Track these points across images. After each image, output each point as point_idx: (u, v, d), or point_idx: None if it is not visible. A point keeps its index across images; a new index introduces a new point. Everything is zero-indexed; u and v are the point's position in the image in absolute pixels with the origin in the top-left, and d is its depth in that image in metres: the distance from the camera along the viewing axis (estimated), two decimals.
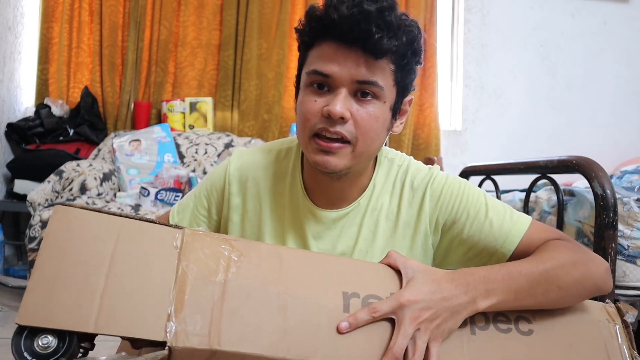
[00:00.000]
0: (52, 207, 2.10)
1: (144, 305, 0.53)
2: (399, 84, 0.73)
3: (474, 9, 3.41)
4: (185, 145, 2.79)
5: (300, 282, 0.60)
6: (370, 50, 0.67)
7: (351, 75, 0.68)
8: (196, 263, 0.57)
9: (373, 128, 0.71)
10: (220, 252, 0.59)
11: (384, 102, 0.71)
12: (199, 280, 0.56)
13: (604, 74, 3.51)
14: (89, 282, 0.54)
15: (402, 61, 0.71)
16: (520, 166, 1.63)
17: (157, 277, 0.55)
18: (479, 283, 0.62)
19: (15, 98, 2.98)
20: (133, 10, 3.03)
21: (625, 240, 1.25)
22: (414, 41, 0.72)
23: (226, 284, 0.57)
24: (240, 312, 0.55)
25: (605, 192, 1.21)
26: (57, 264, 0.55)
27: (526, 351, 0.64)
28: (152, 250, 0.57)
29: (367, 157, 0.74)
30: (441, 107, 3.31)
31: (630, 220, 1.25)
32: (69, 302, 0.53)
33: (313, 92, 0.71)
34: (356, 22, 0.65)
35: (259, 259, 0.60)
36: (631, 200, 1.26)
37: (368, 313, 0.57)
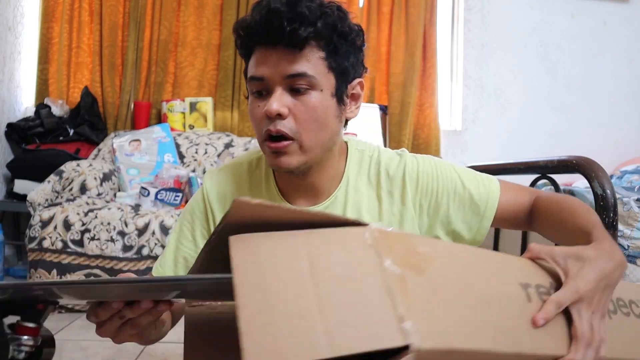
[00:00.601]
0: (51, 207, 2.10)
1: (366, 314, 0.48)
2: (335, 69, 0.74)
3: (474, 9, 3.41)
4: (185, 145, 2.79)
5: (480, 273, 0.59)
6: (291, 44, 0.69)
7: (280, 73, 0.70)
8: (397, 260, 0.52)
9: (313, 119, 0.72)
10: (412, 248, 0.55)
11: (320, 91, 0.72)
12: (410, 278, 0.52)
13: (604, 74, 3.51)
14: (301, 307, 0.48)
15: (329, 46, 0.72)
16: (520, 166, 1.62)
17: (366, 281, 0.51)
18: (607, 244, 0.65)
19: (15, 98, 2.98)
20: (133, 10, 3.03)
21: (625, 240, 1.25)
22: (336, 24, 0.72)
23: (433, 280, 0.53)
24: (454, 308, 0.53)
25: (605, 192, 1.21)
26: (260, 298, 0.49)
27: None
28: (347, 255, 0.52)
29: (319, 148, 0.75)
30: (441, 107, 3.31)
31: (630, 220, 1.25)
32: (291, 335, 0.47)
33: (256, 99, 0.74)
34: (269, 22, 0.68)
35: (445, 253, 0.58)
36: (631, 200, 1.26)
37: (555, 306, 0.57)
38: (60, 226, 2.02)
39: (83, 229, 2.02)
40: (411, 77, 3.21)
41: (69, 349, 1.62)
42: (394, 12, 3.24)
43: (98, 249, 2.01)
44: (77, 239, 2.02)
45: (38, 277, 1.99)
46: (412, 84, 3.20)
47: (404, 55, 3.22)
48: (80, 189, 2.28)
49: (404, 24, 3.24)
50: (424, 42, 3.26)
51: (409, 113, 3.19)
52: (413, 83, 3.20)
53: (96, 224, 2.03)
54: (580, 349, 0.56)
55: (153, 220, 2.04)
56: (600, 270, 0.60)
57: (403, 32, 3.23)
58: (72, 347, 1.64)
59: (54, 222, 2.03)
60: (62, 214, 2.05)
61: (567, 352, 0.56)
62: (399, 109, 3.20)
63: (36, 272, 1.99)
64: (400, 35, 3.23)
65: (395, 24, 3.23)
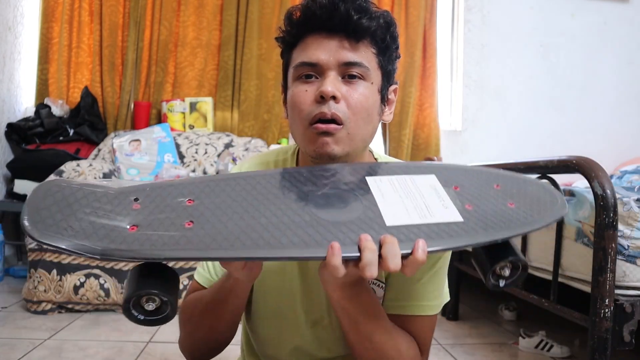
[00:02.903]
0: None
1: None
2: (383, 68, 0.75)
3: (474, 9, 3.41)
4: (185, 145, 2.79)
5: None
6: (351, 32, 0.70)
7: (336, 59, 0.70)
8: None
9: (364, 107, 0.72)
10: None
11: (371, 83, 0.73)
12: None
13: (604, 74, 3.51)
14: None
15: (382, 44, 0.74)
16: (520, 166, 1.62)
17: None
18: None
19: (15, 98, 2.98)
20: (133, 10, 3.03)
21: (625, 240, 1.25)
22: (391, 25, 0.75)
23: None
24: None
25: (605, 192, 1.21)
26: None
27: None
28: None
29: (361, 140, 0.74)
30: (441, 107, 3.31)
31: (630, 220, 1.25)
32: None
33: (303, 83, 0.72)
34: (335, 7, 0.69)
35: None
36: (631, 200, 1.26)
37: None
38: None
39: None
40: (411, 77, 3.21)
41: (69, 349, 1.62)
42: (394, 12, 3.23)
43: None
44: None
45: (38, 277, 1.99)
46: (412, 84, 3.20)
47: (404, 55, 3.22)
48: None
49: (404, 24, 3.24)
50: (424, 42, 3.26)
51: (409, 113, 3.19)
52: (413, 83, 3.20)
53: None
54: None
55: None
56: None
57: (403, 32, 3.23)
58: (72, 347, 1.64)
59: None
60: None
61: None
62: (399, 109, 3.19)
63: (36, 272, 1.99)
64: (400, 35, 3.21)
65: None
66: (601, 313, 1.21)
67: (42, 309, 2.02)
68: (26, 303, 2.04)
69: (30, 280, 2.01)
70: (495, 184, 0.71)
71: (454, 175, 0.70)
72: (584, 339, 1.31)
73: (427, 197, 0.66)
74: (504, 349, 1.80)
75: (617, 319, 1.22)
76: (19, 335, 1.75)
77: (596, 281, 1.22)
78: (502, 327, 2.09)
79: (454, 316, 2.13)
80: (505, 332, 2.01)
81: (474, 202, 0.66)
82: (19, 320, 1.93)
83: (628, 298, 1.24)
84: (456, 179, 0.70)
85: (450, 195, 0.67)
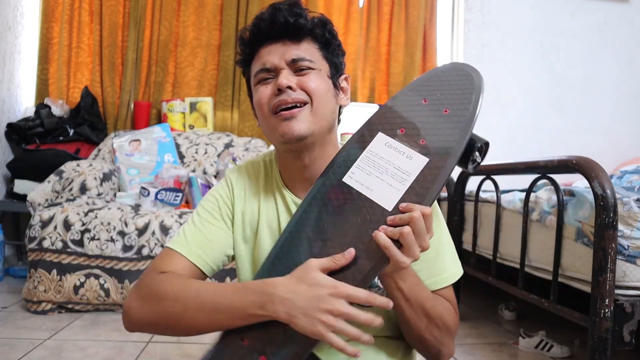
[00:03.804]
0: (51, 207, 2.10)
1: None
2: (328, 59, 0.86)
3: (474, 9, 3.41)
4: (185, 145, 2.79)
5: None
6: (292, 34, 0.82)
7: (285, 59, 0.81)
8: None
9: (319, 89, 0.81)
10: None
11: (319, 70, 0.83)
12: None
13: (604, 74, 3.51)
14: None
15: (322, 39, 0.85)
16: (520, 166, 1.63)
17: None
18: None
19: (15, 98, 2.98)
20: (133, 10, 3.03)
21: (625, 240, 1.25)
22: (327, 23, 0.85)
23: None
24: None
25: (605, 192, 1.21)
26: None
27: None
28: None
29: (323, 119, 0.82)
30: None
31: (630, 220, 1.25)
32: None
33: (263, 85, 0.83)
34: (275, 17, 0.81)
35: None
36: (631, 200, 1.26)
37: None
38: (60, 226, 2.02)
39: (83, 229, 2.02)
40: (411, 77, 3.20)
41: (69, 349, 1.62)
42: (394, 12, 3.24)
43: (98, 249, 2.01)
44: (77, 239, 2.02)
45: (38, 277, 1.99)
46: None
47: (404, 55, 3.22)
48: (80, 189, 2.28)
49: (404, 24, 3.24)
50: (424, 42, 3.26)
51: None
52: None
53: (96, 224, 2.03)
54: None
55: (153, 220, 2.04)
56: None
57: (403, 32, 3.23)
58: (72, 347, 1.64)
59: (54, 222, 2.03)
60: (62, 214, 2.04)
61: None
62: None
63: (36, 272, 1.99)
64: (400, 35, 3.23)
65: (395, 24, 3.23)
66: (601, 313, 1.21)
67: (42, 309, 2.02)
68: (26, 303, 2.04)
69: (30, 280, 2.01)
70: (422, 99, 0.77)
71: (391, 119, 0.77)
72: (584, 339, 1.31)
73: (393, 160, 0.73)
74: (504, 349, 1.80)
75: (617, 319, 1.22)
76: (19, 335, 1.75)
77: (596, 281, 1.22)
78: (502, 327, 2.09)
79: None
80: (505, 332, 2.01)
81: (422, 135, 0.74)
82: (19, 320, 1.93)
83: (628, 298, 1.24)
84: (394, 121, 0.77)
85: (404, 142, 0.74)
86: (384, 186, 0.71)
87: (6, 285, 2.49)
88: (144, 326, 0.78)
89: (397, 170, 0.72)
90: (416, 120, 0.75)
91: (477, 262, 2.02)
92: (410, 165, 0.71)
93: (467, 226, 2.13)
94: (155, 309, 0.75)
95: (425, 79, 0.79)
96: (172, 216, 2.07)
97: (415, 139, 0.73)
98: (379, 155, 0.74)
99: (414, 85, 0.79)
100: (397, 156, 0.73)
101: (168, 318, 0.74)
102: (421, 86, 0.78)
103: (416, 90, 0.78)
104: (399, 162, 0.72)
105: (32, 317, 1.97)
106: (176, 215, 2.07)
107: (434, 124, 0.74)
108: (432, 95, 0.76)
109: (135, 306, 0.77)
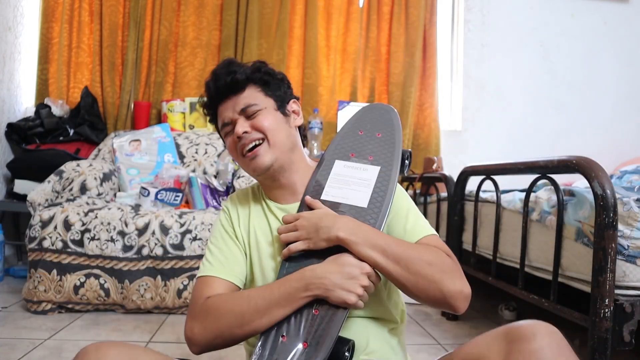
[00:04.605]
0: (51, 207, 2.10)
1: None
2: (272, 95, 1.01)
3: (474, 9, 3.41)
4: (185, 145, 2.79)
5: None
6: (235, 89, 0.99)
7: (236, 110, 0.98)
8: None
9: (270, 123, 0.97)
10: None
11: (266, 108, 0.99)
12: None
13: (604, 74, 3.51)
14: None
15: (260, 81, 1.00)
16: (520, 166, 1.63)
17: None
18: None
19: (15, 98, 2.98)
20: (133, 10, 3.03)
21: (625, 240, 1.25)
22: (260, 67, 1.02)
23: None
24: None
25: (605, 192, 1.21)
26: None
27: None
28: None
29: (282, 145, 0.98)
30: (441, 107, 3.31)
31: (630, 220, 1.25)
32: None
33: (228, 137, 1.01)
34: (218, 82, 1.01)
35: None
36: (631, 200, 1.26)
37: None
38: (60, 226, 2.02)
39: (83, 229, 2.02)
40: (411, 77, 3.21)
41: (69, 349, 1.63)
42: (394, 12, 3.24)
43: (98, 249, 2.01)
44: (77, 239, 2.02)
45: (38, 277, 1.99)
46: (412, 84, 3.20)
47: (404, 55, 3.22)
48: (80, 189, 2.28)
49: (404, 24, 3.24)
50: (424, 42, 3.26)
51: (409, 113, 3.19)
52: (413, 83, 3.20)
53: (96, 224, 2.03)
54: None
55: (153, 220, 2.04)
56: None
57: (403, 32, 3.23)
58: (72, 347, 1.64)
59: (54, 222, 2.03)
60: (62, 214, 2.05)
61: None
62: (399, 109, 3.20)
63: (36, 272, 1.99)
64: (400, 35, 3.23)
65: (395, 24, 3.23)
66: (601, 313, 1.21)
67: (42, 309, 2.02)
68: (26, 303, 2.04)
69: (30, 280, 2.01)
70: (359, 131, 1.02)
71: (341, 149, 1.00)
72: (584, 339, 1.31)
73: (354, 175, 0.96)
74: None
75: (617, 319, 1.22)
76: (19, 335, 1.75)
77: (596, 281, 1.22)
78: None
79: (454, 316, 2.13)
80: None
81: (368, 153, 0.98)
82: (19, 320, 1.93)
83: (628, 298, 1.24)
84: (344, 150, 1.00)
85: (359, 162, 0.97)
86: (355, 193, 0.94)
87: (6, 285, 2.49)
88: (210, 344, 0.88)
89: (360, 180, 0.95)
90: (360, 145, 0.99)
91: (477, 262, 2.02)
92: (368, 174, 0.95)
93: (467, 226, 2.13)
94: (217, 326, 0.86)
95: (355, 118, 1.04)
96: (172, 216, 2.07)
97: (365, 157, 0.97)
98: (342, 175, 0.97)
99: (346, 126, 1.04)
100: (356, 171, 0.96)
101: (230, 328, 0.85)
102: (353, 124, 1.03)
103: (351, 127, 1.03)
104: (359, 174, 0.95)
105: (32, 317, 1.97)
106: (176, 215, 2.07)
107: (373, 145, 0.99)
108: (364, 126, 1.02)
109: (198, 330, 0.88)
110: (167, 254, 2.01)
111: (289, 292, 0.83)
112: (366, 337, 0.91)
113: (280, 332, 0.83)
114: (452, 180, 2.22)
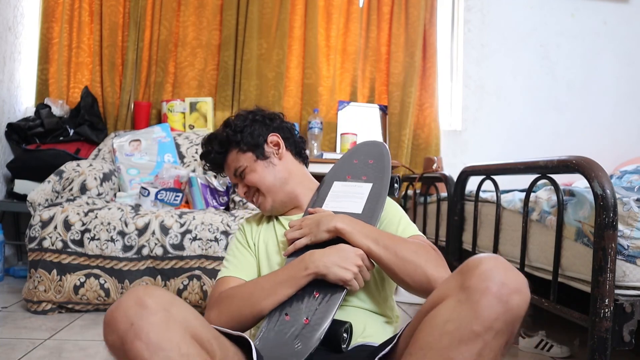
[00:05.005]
0: (51, 207, 2.10)
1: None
2: (247, 149, 1.15)
3: (474, 9, 3.41)
4: (186, 145, 2.79)
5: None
6: (221, 161, 1.20)
7: (230, 176, 1.20)
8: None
9: (256, 176, 1.15)
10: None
11: (248, 165, 1.15)
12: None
13: (604, 74, 3.51)
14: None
15: (233, 144, 1.16)
16: (520, 166, 1.62)
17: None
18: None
19: (15, 98, 2.98)
20: (133, 10, 3.03)
21: (625, 240, 1.25)
22: (226, 133, 1.16)
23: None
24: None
25: (605, 192, 1.21)
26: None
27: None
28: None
29: (273, 187, 1.15)
30: (441, 107, 3.31)
31: (630, 220, 1.25)
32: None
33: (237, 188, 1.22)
34: (207, 161, 1.21)
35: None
36: (631, 200, 1.26)
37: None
38: (60, 226, 2.02)
39: (83, 229, 2.02)
40: (411, 77, 3.21)
41: (69, 349, 1.62)
42: (394, 12, 3.24)
43: (98, 249, 2.01)
44: (77, 239, 2.02)
45: (38, 277, 1.99)
46: (412, 84, 3.20)
47: (404, 55, 3.22)
48: (81, 189, 2.28)
49: (404, 24, 3.24)
50: (424, 42, 3.26)
51: (408, 113, 3.19)
52: (413, 83, 3.20)
53: (96, 224, 2.03)
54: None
55: (153, 220, 2.04)
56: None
57: (403, 32, 3.23)
58: (72, 347, 1.64)
59: (54, 222, 2.03)
60: (62, 214, 2.04)
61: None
62: (399, 109, 3.20)
63: (36, 272, 1.99)
64: (400, 35, 3.23)
65: (395, 24, 3.23)
66: (601, 313, 1.21)
67: (42, 309, 2.02)
68: (26, 303, 2.04)
69: (30, 280, 2.01)
70: (354, 160, 1.20)
71: (339, 173, 1.19)
72: (584, 339, 1.31)
73: (350, 190, 1.14)
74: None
75: (617, 319, 1.22)
76: (19, 335, 1.75)
77: (596, 281, 1.22)
78: None
79: None
80: None
81: (362, 175, 1.16)
82: (19, 320, 1.93)
83: (628, 298, 1.24)
84: (342, 174, 1.18)
85: (353, 181, 1.15)
86: (351, 203, 1.11)
87: (6, 285, 2.49)
88: (224, 327, 0.94)
89: (355, 194, 1.12)
90: (355, 170, 1.18)
91: None
92: (362, 190, 1.13)
93: (467, 226, 2.13)
94: (230, 309, 0.99)
95: (351, 151, 1.23)
96: (172, 216, 2.07)
97: (359, 177, 1.16)
98: (340, 191, 1.15)
99: (343, 157, 1.23)
100: (351, 188, 1.14)
101: (240, 309, 0.98)
102: (349, 155, 1.22)
103: (347, 158, 1.22)
104: (354, 190, 1.13)
105: (32, 317, 1.97)
106: (176, 215, 2.07)
107: (366, 169, 1.17)
108: (358, 156, 1.21)
109: (214, 315, 1.00)
110: (167, 254, 2.01)
111: (291, 273, 0.96)
112: (363, 323, 1.00)
113: (284, 312, 0.94)
114: (452, 180, 2.22)
